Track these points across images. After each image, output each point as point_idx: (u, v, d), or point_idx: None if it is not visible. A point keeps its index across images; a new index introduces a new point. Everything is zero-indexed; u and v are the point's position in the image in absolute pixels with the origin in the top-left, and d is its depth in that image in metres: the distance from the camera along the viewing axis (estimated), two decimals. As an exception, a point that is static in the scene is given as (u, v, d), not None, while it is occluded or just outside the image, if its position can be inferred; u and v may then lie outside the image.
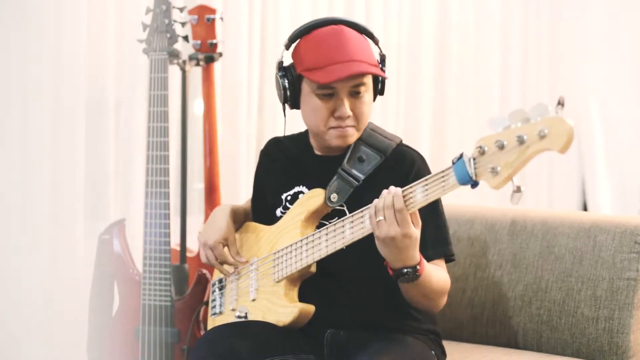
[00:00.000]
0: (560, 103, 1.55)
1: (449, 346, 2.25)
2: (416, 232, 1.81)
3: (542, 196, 4.27)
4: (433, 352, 2.04)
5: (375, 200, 1.83)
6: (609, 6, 4.32)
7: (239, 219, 2.21)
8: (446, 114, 3.88)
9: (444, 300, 2.01)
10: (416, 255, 1.84)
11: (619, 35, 4.30)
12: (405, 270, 1.83)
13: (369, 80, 2.01)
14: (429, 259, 1.95)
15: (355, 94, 1.99)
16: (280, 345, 1.95)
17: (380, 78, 2.04)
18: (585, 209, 4.39)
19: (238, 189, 3.12)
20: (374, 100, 2.07)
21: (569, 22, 4.35)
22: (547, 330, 2.32)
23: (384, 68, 2.05)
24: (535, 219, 2.42)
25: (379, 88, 2.06)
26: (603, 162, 4.35)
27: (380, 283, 2.02)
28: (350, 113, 1.98)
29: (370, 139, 2.06)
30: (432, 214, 1.97)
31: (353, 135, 2.03)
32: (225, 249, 2.13)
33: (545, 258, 2.35)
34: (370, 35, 2.06)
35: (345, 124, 2.00)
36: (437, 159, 3.72)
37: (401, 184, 1.91)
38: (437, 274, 1.95)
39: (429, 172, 2.04)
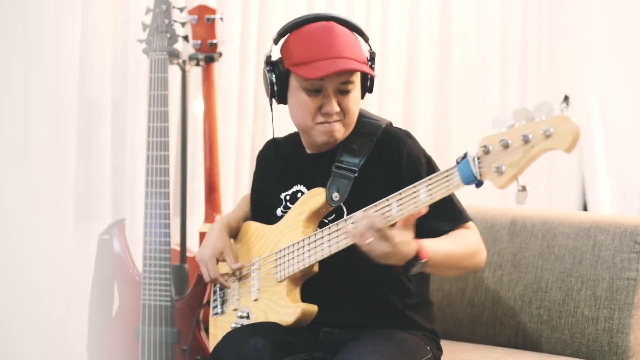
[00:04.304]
0: (566, 101, 1.54)
1: (449, 346, 2.25)
2: (404, 234, 1.79)
3: (542, 196, 4.27)
4: (428, 348, 2.03)
5: (352, 226, 1.81)
6: (609, 6, 4.32)
7: (234, 229, 2.21)
8: (447, 114, 3.88)
9: (478, 258, 1.99)
10: (411, 247, 1.81)
11: (619, 35, 4.30)
12: (409, 264, 1.83)
13: (357, 77, 2.00)
14: (449, 231, 1.95)
15: (343, 92, 1.98)
16: (294, 344, 1.95)
17: (369, 76, 2.03)
18: (585, 209, 4.39)
19: (238, 189, 3.12)
20: (363, 97, 2.06)
21: (569, 22, 4.35)
22: (547, 330, 2.32)
23: (373, 66, 2.04)
24: (535, 219, 2.42)
25: (367, 86, 2.05)
26: (603, 162, 4.35)
27: (375, 283, 2.02)
28: (337, 109, 1.98)
29: (358, 125, 2.06)
30: None
31: (340, 132, 2.01)
32: (220, 263, 2.13)
33: (545, 258, 2.35)
34: (361, 33, 2.05)
35: (332, 120, 1.99)
36: (438, 159, 3.72)
37: (395, 169, 1.93)
38: (457, 241, 1.94)
39: (420, 149, 2.05)
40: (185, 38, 2.53)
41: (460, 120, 3.93)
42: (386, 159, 2.01)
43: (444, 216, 1.96)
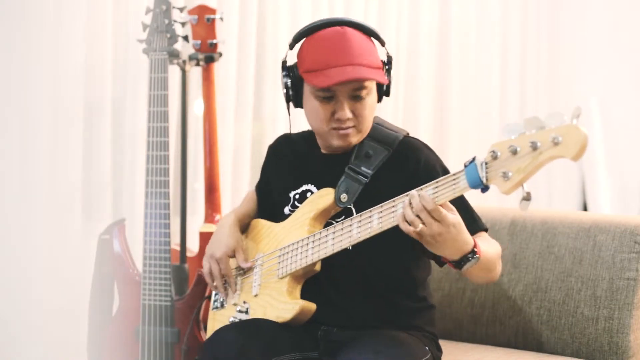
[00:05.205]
0: (576, 114, 1.55)
1: (449, 346, 2.25)
2: (456, 217, 1.78)
3: (542, 196, 4.27)
4: (427, 348, 2.03)
5: (401, 212, 1.78)
6: (609, 6, 4.32)
7: (244, 225, 2.20)
8: (446, 114, 3.88)
9: (500, 266, 1.99)
10: (469, 239, 1.81)
11: (619, 35, 4.30)
12: (465, 257, 1.81)
13: (371, 83, 1.99)
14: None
15: (356, 97, 1.98)
16: (287, 343, 1.94)
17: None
18: (585, 209, 4.39)
19: (238, 189, 3.12)
20: (380, 101, 2.06)
21: (569, 22, 4.35)
22: (547, 330, 2.32)
23: (390, 70, 2.03)
24: (535, 219, 2.42)
25: (384, 89, 2.04)
26: (603, 162, 4.36)
27: (377, 284, 2.02)
28: (349, 116, 1.97)
29: (376, 133, 2.06)
30: (458, 198, 1.94)
31: (355, 136, 2.02)
32: (231, 262, 2.12)
33: (545, 258, 2.35)
34: (377, 37, 2.03)
35: (346, 125, 1.99)
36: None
37: (410, 176, 1.92)
38: (489, 244, 1.94)
39: (437, 159, 2.05)
40: (185, 38, 2.53)
41: (460, 121, 3.92)
42: (402, 168, 2.01)
43: (468, 219, 1.94)
